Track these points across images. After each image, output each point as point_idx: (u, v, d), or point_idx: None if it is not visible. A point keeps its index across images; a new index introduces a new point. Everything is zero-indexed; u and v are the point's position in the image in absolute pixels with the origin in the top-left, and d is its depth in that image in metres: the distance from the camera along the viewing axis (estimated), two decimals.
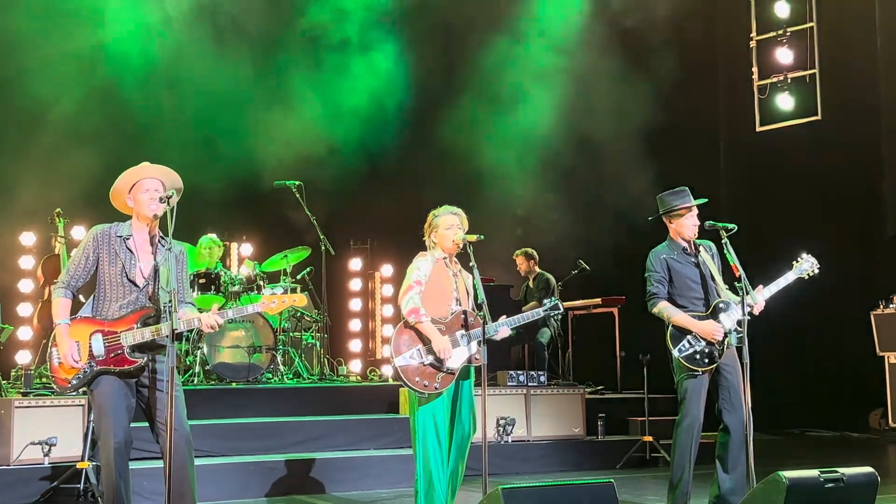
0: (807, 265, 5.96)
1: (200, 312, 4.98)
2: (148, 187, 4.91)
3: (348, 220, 12.15)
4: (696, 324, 5.75)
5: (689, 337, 5.75)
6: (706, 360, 5.73)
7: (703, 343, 5.73)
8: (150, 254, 4.91)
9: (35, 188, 10.14)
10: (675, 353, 5.76)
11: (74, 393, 5.02)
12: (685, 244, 5.97)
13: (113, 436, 4.70)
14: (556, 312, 5.90)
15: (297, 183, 9.87)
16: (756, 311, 5.80)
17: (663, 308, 5.84)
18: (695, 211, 5.97)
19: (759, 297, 5.82)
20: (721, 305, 5.80)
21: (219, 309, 8.56)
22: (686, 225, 5.93)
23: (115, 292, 4.87)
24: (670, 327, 5.81)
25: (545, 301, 5.96)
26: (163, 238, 4.97)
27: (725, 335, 5.74)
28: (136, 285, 4.87)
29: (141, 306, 4.87)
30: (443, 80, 12.54)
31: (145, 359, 4.81)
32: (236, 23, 11.79)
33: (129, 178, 4.97)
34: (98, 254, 4.89)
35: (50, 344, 4.87)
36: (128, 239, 4.92)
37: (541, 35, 12.18)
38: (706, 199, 6.02)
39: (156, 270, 4.88)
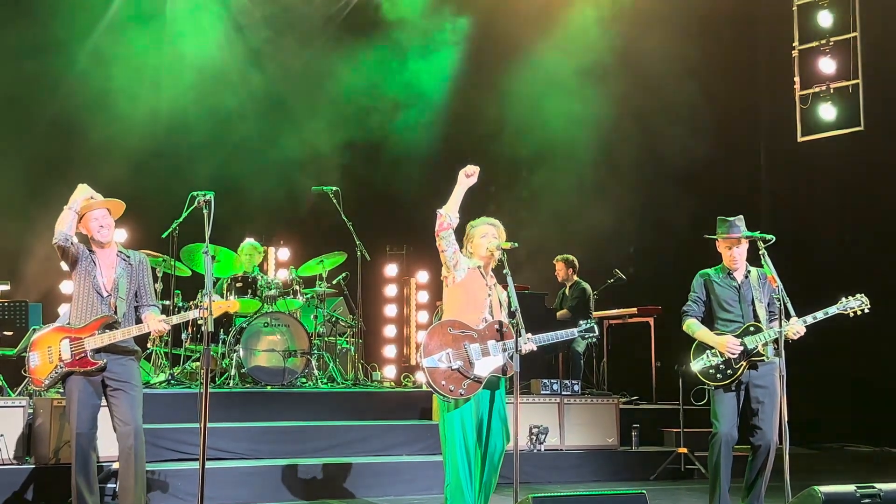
0: (855, 303, 6.03)
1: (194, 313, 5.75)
2: (97, 216, 5.65)
3: (384, 227, 12.19)
4: (714, 338, 6.01)
5: (708, 352, 6.04)
6: (718, 376, 5.97)
7: (720, 359, 5.97)
8: (111, 268, 5.67)
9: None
10: (693, 365, 6.06)
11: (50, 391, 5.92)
12: (732, 269, 6.14)
13: (77, 426, 5.50)
14: (591, 336, 5.96)
15: (334, 188, 9.93)
16: (792, 336, 5.85)
17: (690, 324, 6.17)
18: (742, 244, 6.08)
19: (798, 323, 5.86)
20: (751, 328, 6.00)
21: (255, 313, 8.69)
22: (724, 254, 6.15)
23: (84, 302, 5.60)
24: (696, 342, 6.12)
25: (581, 322, 6.00)
26: (121, 252, 5.75)
27: (746, 353, 5.89)
28: (100, 295, 5.60)
29: (102, 314, 5.56)
30: (482, 85, 12.56)
31: (105, 360, 5.51)
32: (273, 30, 11.93)
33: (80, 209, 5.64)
34: (78, 251, 5.60)
35: (28, 349, 5.68)
36: (94, 254, 5.70)
37: (584, 37, 12.11)
38: (753, 235, 6.06)
39: (116, 282, 5.62)
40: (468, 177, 5.67)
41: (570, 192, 12.04)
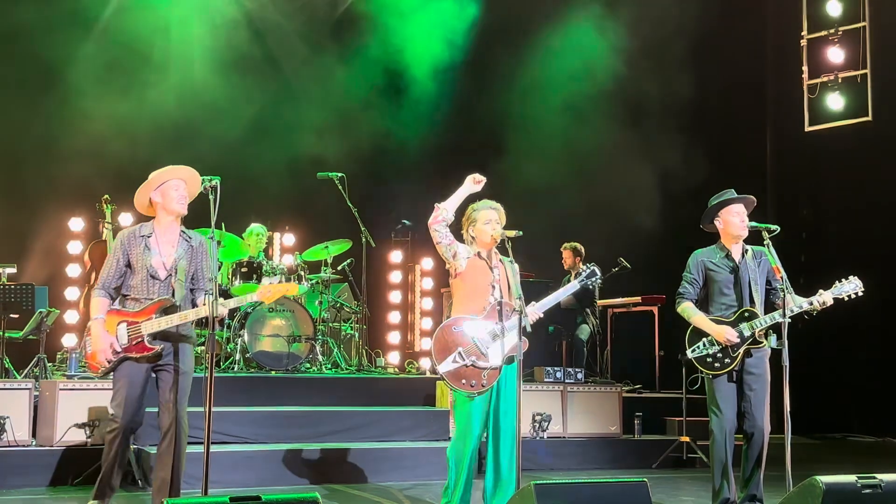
0: (849, 287, 5.87)
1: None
2: (177, 185, 5.46)
3: (390, 213, 12.18)
4: (711, 326, 5.85)
5: (704, 339, 5.88)
6: (716, 365, 5.84)
7: (717, 347, 5.83)
8: (172, 248, 5.43)
9: (84, 174, 10.34)
10: (689, 353, 5.91)
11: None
12: (731, 248, 5.97)
13: (122, 416, 5.30)
14: (595, 279, 5.84)
15: (339, 175, 9.92)
16: (818, 306, 5.78)
17: (685, 308, 5.98)
18: (742, 207, 5.96)
19: (827, 295, 5.78)
20: (746, 314, 5.84)
21: None
22: (733, 222, 5.92)
23: (140, 285, 5.37)
24: (691, 327, 5.96)
25: (582, 268, 5.94)
26: (184, 232, 5.52)
27: (744, 341, 5.78)
28: (157, 279, 5.37)
29: (160, 298, 5.35)
30: (488, 72, 12.52)
31: (162, 346, 5.32)
32: (281, 15, 11.93)
33: (160, 176, 5.49)
34: (127, 254, 5.41)
35: (85, 333, 5.48)
36: (149, 237, 5.43)
37: (583, 29, 12.08)
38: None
39: (177, 263, 5.40)
40: (475, 183, 5.68)
41: (573, 183, 12.03)
